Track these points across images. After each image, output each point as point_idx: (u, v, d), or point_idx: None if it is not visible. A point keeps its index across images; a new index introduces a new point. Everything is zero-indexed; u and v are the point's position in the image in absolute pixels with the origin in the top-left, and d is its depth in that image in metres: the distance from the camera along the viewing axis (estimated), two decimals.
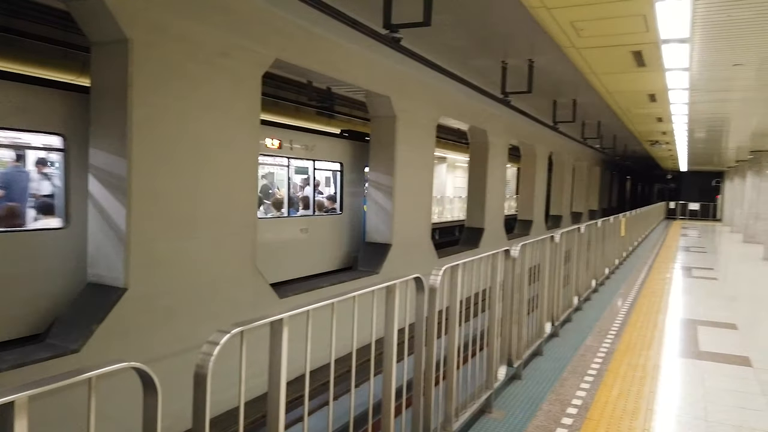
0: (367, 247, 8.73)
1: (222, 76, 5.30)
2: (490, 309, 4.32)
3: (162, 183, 4.85)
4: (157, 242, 4.84)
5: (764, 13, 5.60)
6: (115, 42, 4.51)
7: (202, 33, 5.03)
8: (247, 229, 5.74)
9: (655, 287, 9.92)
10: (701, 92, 10.01)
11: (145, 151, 4.65)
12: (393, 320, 2.88)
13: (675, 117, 13.25)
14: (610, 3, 5.58)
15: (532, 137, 15.72)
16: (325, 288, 7.02)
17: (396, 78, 8.33)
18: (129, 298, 4.61)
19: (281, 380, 2.07)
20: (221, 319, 5.32)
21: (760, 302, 9.01)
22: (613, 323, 7.05)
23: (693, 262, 14.03)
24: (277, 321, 2.04)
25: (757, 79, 8.81)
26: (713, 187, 40.85)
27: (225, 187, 5.46)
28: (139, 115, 4.57)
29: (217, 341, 1.78)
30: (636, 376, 5.06)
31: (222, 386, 3.27)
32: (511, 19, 6.54)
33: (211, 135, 5.26)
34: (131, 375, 1.61)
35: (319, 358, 2.61)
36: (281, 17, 5.86)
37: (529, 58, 8.43)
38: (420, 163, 9.34)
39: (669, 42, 6.79)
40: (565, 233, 6.40)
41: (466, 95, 10.49)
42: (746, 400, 4.58)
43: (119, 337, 4.56)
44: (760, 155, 20.01)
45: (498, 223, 13.57)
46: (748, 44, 6.75)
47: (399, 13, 5.56)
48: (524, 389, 4.65)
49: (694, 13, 5.66)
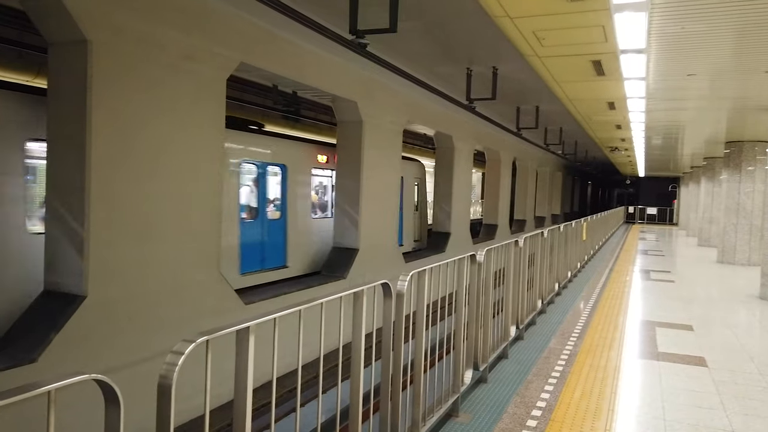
0: (334, 252, 8.71)
1: (185, 79, 5.22)
2: (456, 313, 4.36)
3: (122, 187, 4.74)
4: (118, 248, 4.73)
5: (716, 26, 5.83)
6: (73, 43, 4.39)
7: (163, 35, 4.95)
8: (211, 234, 5.65)
9: (615, 290, 10.18)
10: (657, 101, 10.35)
11: (105, 154, 4.54)
12: (360, 326, 2.88)
13: (633, 124, 13.64)
14: (570, 14, 5.72)
15: (497, 143, 15.97)
16: (292, 293, 6.96)
17: (362, 83, 8.35)
18: (88, 306, 4.48)
19: (248, 388, 2.05)
20: (185, 326, 5.22)
21: (714, 304, 9.34)
22: (575, 325, 7.20)
23: (651, 265, 14.45)
24: (243, 329, 2.01)
25: (709, 89, 9.15)
26: (670, 192, 42.21)
27: (188, 192, 5.37)
28: (98, 118, 4.46)
29: (182, 351, 1.75)
30: (598, 377, 5.18)
31: (186, 394, 3.21)
32: (476, 28, 6.64)
33: (174, 138, 5.17)
34: (92, 385, 1.56)
35: (287, 364, 2.59)
36: (246, 20, 5.81)
37: (494, 66, 8.57)
38: (387, 169, 9.37)
39: (627, 52, 7.00)
40: (529, 238, 6.52)
41: (432, 101, 10.59)
42: (702, 399, 4.74)
43: (79, 345, 4.42)
44: (713, 162, 20.78)
45: (464, 228, 13.71)
46: (701, 55, 7.01)
47: (365, 19, 5.58)
48: (490, 392, 4.71)
49: (650, 25, 5.85)
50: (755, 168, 14.94)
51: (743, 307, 9.15)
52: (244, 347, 2.03)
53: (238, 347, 2.06)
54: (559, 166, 27.51)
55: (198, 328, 1.92)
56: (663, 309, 8.61)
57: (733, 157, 15.30)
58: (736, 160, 15.23)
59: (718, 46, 6.56)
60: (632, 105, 10.84)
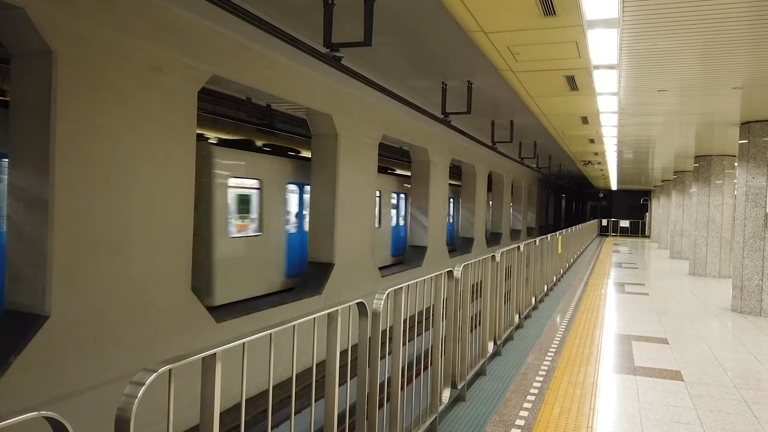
0: (309, 267, 8.57)
1: (154, 91, 5.09)
2: (433, 329, 4.29)
3: (88, 202, 4.57)
4: (83, 265, 4.55)
5: (685, 43, 5.93)
6: (37, 54, 4.25)
7: (131, 46, 4.82)
8: (181, 250, 5.49)
9: (591, 303, 10.23)
10: (629, 116, 10.51)
11: (70, 168, 4.38)
12: (335, 348, 2.79)
13: (606, 138, 13.84)
14: (544, 29, 5.76)
15: (473, 156, 16.05)
16: (266, 311, 6.81)
17: (338, 97, 8.30)
18: (51, 326, 4.29)
19: (214, 418, 1.93)
20: (153, 345, 5.03)
21: (687, 317, 9.43)
22: (552, 340, 7.17)
23: (625, 278, 14.60)
24: (209, 356, 1.90)
25: (679, 105, 9.32)
26: (642, 205, 43.01)
27: (157, 207, 5.21)
28: (63, 131, 4.31)
29: (143, 381, 1.63)
30: (576, 393, 5.14)
31: (151, 418, 3.06)
32: (450, 42, 6.65)
33: (142, 152, 5.02)
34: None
35: (259, 383, 2.49)
36: (218, 33, 5.72)
37: (468, 80, 8.60)
38: (362, 182, 9.31)
39: (599, 68, 7.08)
40: (506, 252, 6.49)
41: (408, 114, 10.59)
42: (679, 414, 4.73)
43: (40, 368, 4.22)
44: (683, 175, 21.21)
45: (440, 241, 13.69)
46: (671, 72, 7.13)
47: (340, 32, 5.54)
48: (468, 411, 4.62)
49: (621, 41, 5.93)
50: (723, 182, 15.25)
51: (716, 320, 9.26)
52: (210, 375, 1.92)
53: (204, 374, 1.95)
54: (534, 180, 27.80)
55: (167, 348, 1.82)
56: (638, 322, 8.66)
57: (703, 171, 15.61)
58: (705, 174, 15.54)
59: (686, 62, 6.68)
60: (605, 120, 10.99)
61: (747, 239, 9.90)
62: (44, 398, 4.25)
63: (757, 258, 9.76)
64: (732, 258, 11.72)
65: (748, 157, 10.04)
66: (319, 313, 2.65)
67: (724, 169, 15.33)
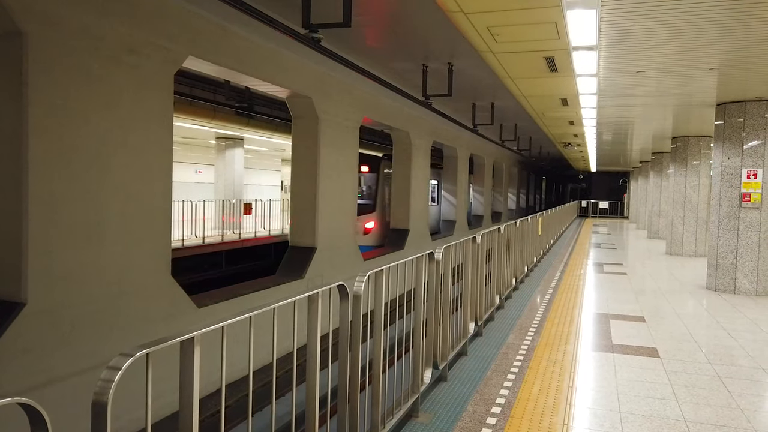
0: (291, 251, 8.55)
1: (129, 74, 4.98)
2: (415, 311, 4.31)
3: (64, 187, 4.48)
4: (59, 251, 4.47)
5: (664, 24, 5.96)
6: (6, 35, 4.12)
7: (105, 27, 4.70)
8: (160, 235, 5.43)
9: (570, 283, 10.38)
10: (608, 97, 10.58)
11: (44, 152, 4.28)
12: (316, 330, 2.79)
13: (585, 120, 13.93)
14: (524, 10, 5.74)
15: (454, 139, 16.05)
16: (247, 295, 6.79)
17: (318, 79, 8.21)
18: (28, 314, 4.22)
19: (194, 403, 1.93)
20: (133, 331, 4.99)
21: (664, 295, 9.62)
22: (533, 320, 7.28)
23: (604, 258, 14.82)
24: (187, 340, 1.89)
25: (657, 86, 9.40)
26: (620, 186, 43.54)
27: (134, 192, 5.13)
28: (36, 114, 4.20)
29: (119, 366, 1.61)
30: (555, 371, 5.23)
31: (132, 405, 3.04)
32: (430, 23, 6.60)
33: (117, 136, 4.92)
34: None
35: (240, 369, 2.48)
36: (194, 13, 5.60)
37: (449, 62, 8.56)
38: (344, 166, 9.26)
39: (578, 49, 7.10)
40: (486, 234, 6.53)
41: (389, 97, 10.53)
42: (655, 389, 4.84)
43: (17, 356, 4.17)
44: (660, 156, 21.49)
45: (422, 224, 13.73)
46: (649, 53, 7.17)
47: (318, 13, 5.46)
48: (450, 390, 4.68)
49: (600, 22, 5.94)
50: (700, 162, 15.49)
51: (691, 298, 9.47)
52: (188, 359, 1.91)
53: (183, 358, 1.94)
54: (515, 162, 27.94)
55: (148, 334, 1.80)
56: (616, 301, 8.81)
57: (680, 152, 15.83)
58: (682, 155, 15.76)
59: (665, 43, 6.72)
60: (584, 101, 11.05)
61: (722, 219, 10.09)
62: (22, 386, 4.20)
63: (731, 237, 9.96)
64: (707, 237, 11.94)
65: (723, 137, 10.19)
66: (300, 296, 2.65)
67: (700, 150, 15.57)
